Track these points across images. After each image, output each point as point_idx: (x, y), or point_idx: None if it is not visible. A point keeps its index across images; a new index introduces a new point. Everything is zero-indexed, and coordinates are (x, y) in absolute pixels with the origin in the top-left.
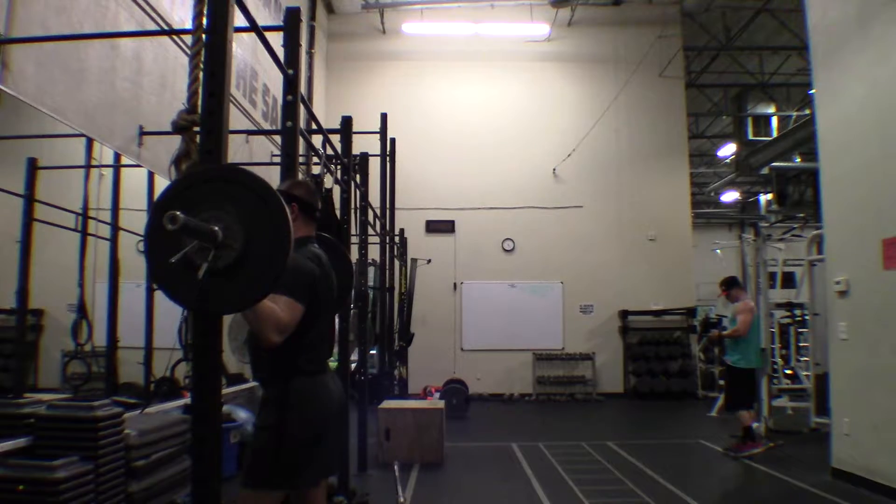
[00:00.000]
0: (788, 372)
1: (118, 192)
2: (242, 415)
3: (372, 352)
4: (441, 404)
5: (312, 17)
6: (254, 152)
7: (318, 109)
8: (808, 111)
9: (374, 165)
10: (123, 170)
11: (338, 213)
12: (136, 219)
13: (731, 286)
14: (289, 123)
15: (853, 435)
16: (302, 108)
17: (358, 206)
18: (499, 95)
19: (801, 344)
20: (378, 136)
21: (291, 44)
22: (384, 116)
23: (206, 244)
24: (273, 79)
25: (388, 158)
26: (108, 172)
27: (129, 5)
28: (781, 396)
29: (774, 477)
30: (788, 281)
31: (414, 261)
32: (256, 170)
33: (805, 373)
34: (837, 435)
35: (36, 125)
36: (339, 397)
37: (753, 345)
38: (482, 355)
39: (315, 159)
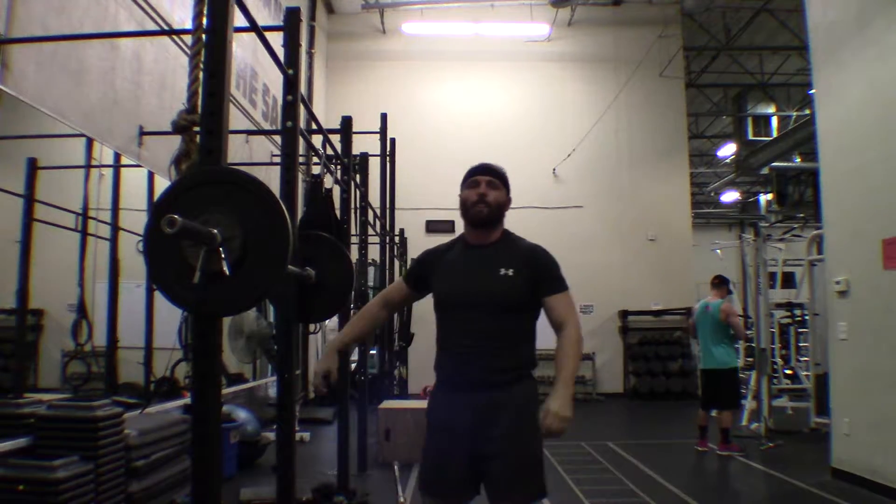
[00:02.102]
0: (788, 372)
1: (118, 192)
2: (242, 415)
3: (372, 352)
4: None
5: (312, 17)
6: (254, 152)
7: (318, 109)
8: (808, 111)
9: (374, 165)
10: (123, 170)
11: (338, 213)
12: (136, 219)
13: (711, 284)
14: (289, 123)
15: (853, 435)
16: (302, 108)
17: (358, 206)
18: (499, 95)
19: (801, 344)
20: (378, 136)
21: (291, 44)
22: (384, 116)
23: (204, 246)
24: (273, 79)
25: (388, 158)
26: (108, 172)
27: (129, 5)
28: (781, 396)
29: (774, 477)
30: (788, 281)
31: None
32: (256, 170)
33: (805, 373)
34: (837, 435)
35: (36, 125)
36: None
37: (701, 346)
38: None
39: (315, 159)
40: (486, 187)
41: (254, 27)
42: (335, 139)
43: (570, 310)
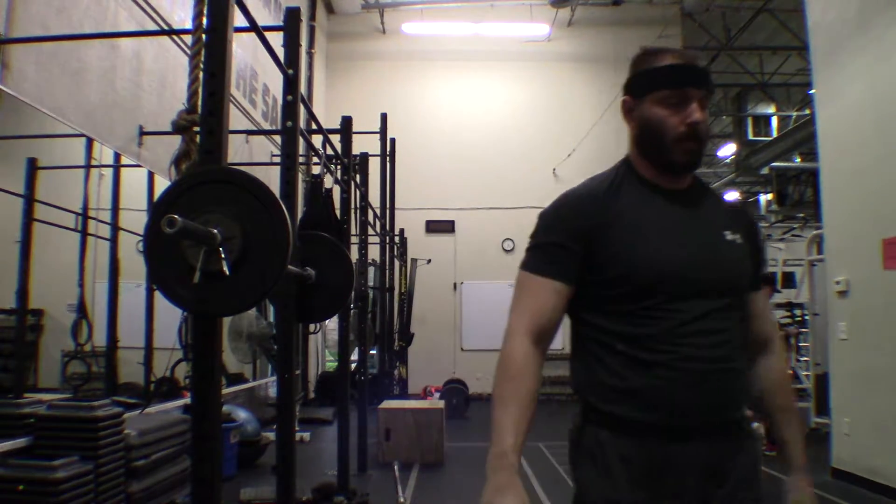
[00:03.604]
0: (788, 372)
1: (118, 192)
2: (242, 415)
3: (372, 352)
4: (441, 404)
5: (312, 17)
6: (254, 152)
7: (318, 109)
8: (808, 111)
9: (374, 165)
10: (123, 170)
11: (338, 213)
12: (136, 219)
13: None
14: (289, 123)
15: (853, 435)
16: (302, 108)
17: (358, 206)
18: (499, 95)
19: (801, 344)
20: (378, 136)
21: (291, 44)
22: (384, 116)
23: (204, 246)
24: (273, 79)
25: (388, 158)
26: (108, 172)
27: (129, 5)
28: None
29: (774, 477)
30: (788, 281)
31: (414, 261)
32: (256, 170)
33: (805, 373)
34: (837, 435)
35: (36, 125)
36: None
37: None
38: (482, 355)
39: (315, 159)
40: (700, 110)
41: (254, 27)
42: (335, 139)
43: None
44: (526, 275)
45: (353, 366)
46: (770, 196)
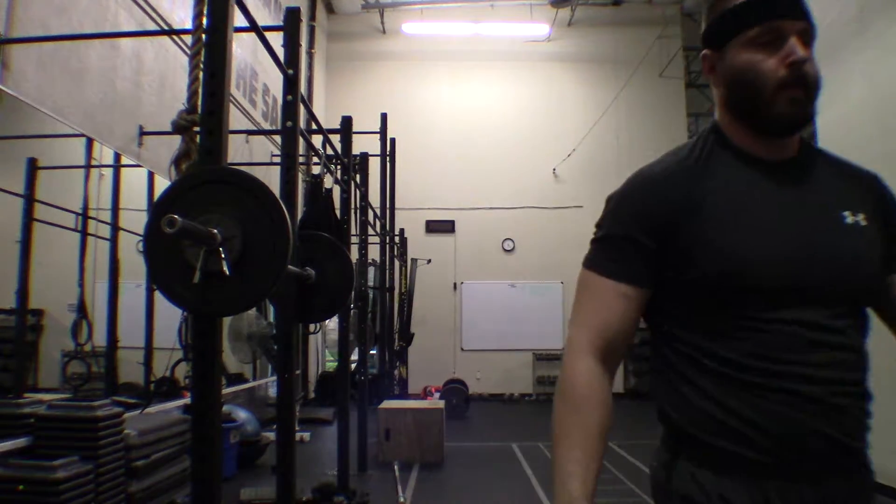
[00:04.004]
0: None
1: (118, 192)
2: (242, 415)
3: (372, 352)
4: (441, 404)
5: (312, 17)
6: (254, 152)
7: (318, 109)
8: None
9: (374, 165)
10: (123, 170)
11: (338, 213)
12: (136, 219)
13: None
14: (289, 123)
15: None
16: (302, 108)
17: (358, 206)
18: (499, 95)
19: None
20: (378, 136)
21: (291, 44)
22: (384, 116)
23: (204, 246)
24: (273, 79)
25: (388, 158)
26: (108, 172)
27: (129, 5)
28: None
29: None
30: None
31: (414, 261)
32: (256, 170)
33: None
34: None
35: (36, 125)
36: None
37: None
38: (482, 355)
39: (315, 159)
40: (802, 46)
41: (254, 27)
42: (335, 139)
43: None
44: (588, 274)
45: (353, 366)
46: None
